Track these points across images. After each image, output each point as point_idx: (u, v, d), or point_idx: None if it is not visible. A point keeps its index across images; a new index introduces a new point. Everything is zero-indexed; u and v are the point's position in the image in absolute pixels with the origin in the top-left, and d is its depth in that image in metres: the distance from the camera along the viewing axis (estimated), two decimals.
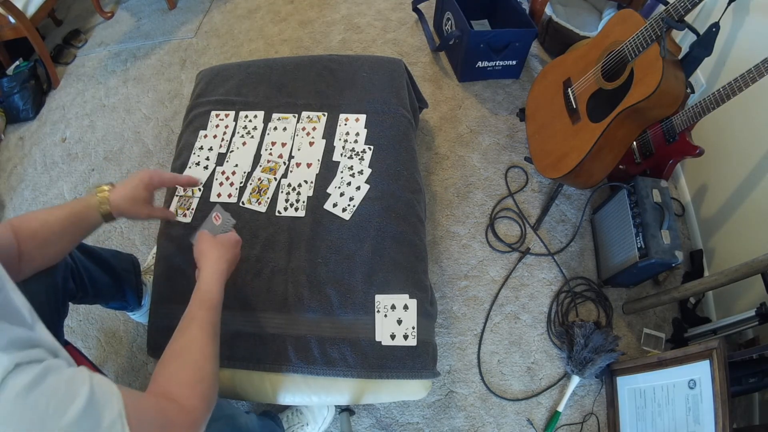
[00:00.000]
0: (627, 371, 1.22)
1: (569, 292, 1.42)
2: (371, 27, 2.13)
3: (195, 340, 0.69)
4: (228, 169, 1.21)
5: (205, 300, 0.75)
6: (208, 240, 0.86)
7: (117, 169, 1.76)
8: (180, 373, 0.65)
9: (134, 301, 1.19)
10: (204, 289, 0.77)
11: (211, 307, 0.75)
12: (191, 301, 0.76)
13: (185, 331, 0.70)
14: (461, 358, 1.33)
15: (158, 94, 1.99)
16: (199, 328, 0.71)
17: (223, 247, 0.85)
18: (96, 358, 1.36)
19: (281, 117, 1.29)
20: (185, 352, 0.68)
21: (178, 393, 0.61)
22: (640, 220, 1.24)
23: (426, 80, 1.91)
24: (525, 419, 1.25)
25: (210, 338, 0.71)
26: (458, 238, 1.53)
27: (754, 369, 1.04)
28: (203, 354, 0.69)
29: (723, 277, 1.09)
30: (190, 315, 0.73)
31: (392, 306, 1.00)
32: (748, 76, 1.02)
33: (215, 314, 0.75)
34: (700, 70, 1.44)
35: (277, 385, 0.98)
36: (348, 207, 1.12)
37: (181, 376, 0.64)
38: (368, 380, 0.97)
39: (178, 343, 0.69)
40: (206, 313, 0.73)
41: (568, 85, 1.41)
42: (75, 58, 2.17)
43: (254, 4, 2.30)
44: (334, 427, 1.22)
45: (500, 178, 1.65)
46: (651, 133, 1.35)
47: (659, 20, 1.09)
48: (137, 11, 2.34)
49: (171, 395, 0.60)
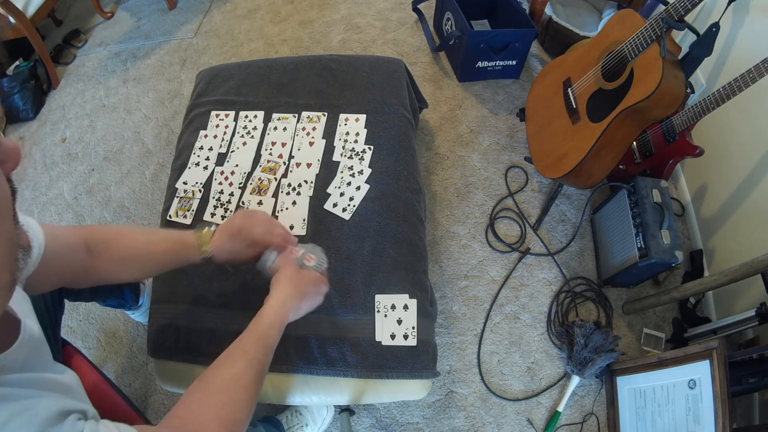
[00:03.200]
0: (627, 371, 1.22)
1: (569, 292, 1.42)
2: (371, 27, 2.13)
3: (242, 377, 0.63)
4: (228, 169, 1.21)
5: (263, 336, 0.68)
6: (293, 269, 0.76)
7: (117, 169, 1.76)
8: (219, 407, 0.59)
9: (132, 298, 1.19)
10: (266, 323, 0.69)
11: (267, 346, 0.68)
12: (248, 329, 0.68)
13: (234, 364, 0.63)
14: (461, 358, 1.33)
15: (158, 94, 1.99)
16: (249, 366, 0.64)
17: (306, 284, 0.76)
18: (96, 358, 1.36)
19: (281, 117, 1.29)
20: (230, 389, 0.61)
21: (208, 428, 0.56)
22: (640, 220, 1.24)
23: (426, 80, 1.91)
24: (525, 419, 1.25)
25: (258, 379, 0.65)
26: (458, 238, 1.53)
27: (754, 369, 1.04)
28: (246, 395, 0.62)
29: (723, 277, 1.09)
30: (243, 348, 0.66)
31: (392, 306, 1.00)
32: (748, 76, 1.02)
33: (269, 354, 0.68)
34: (700, 70, 1.44)
35: (277, 385, 0.98)
36: (348, 207, 1.12)
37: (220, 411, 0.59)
38: (368, 380, 0.97)
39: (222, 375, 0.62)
40: (260, 350, 0.66)
41: (568, 85, 1.41)
42: (75, 58, 2.17)
43: (254, 4, 2.30)
44: (334, 427, 1.22)
45: (500, 178, 1.65)
46: (651, 133, 1.35)
47: (659, 20, 1.09)
48: (137, 11, 2.34)
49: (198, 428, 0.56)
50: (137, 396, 1.30)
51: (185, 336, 0.99)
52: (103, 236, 0.70)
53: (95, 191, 1.72)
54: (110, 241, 0.70)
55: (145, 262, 0.73)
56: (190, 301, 1.02)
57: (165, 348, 1.00)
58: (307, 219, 1.11)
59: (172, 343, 0.99)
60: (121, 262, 0.71)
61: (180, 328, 1.00)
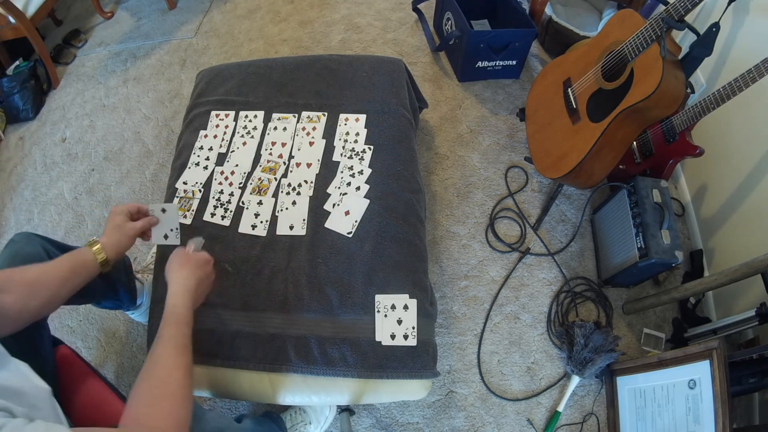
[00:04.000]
0: (627, 371, 1.22)
1: (569, 292, 1.42)
2: (371, 27, 2.13)
3: (159, 358, 0.69)
4: (228, 169, 1.21)
5: (169, 316, 0.75)
6: (178, 257, 0.86)
7: (117, 169, 1.76)
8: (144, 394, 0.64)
9: (128, 299, 1.18)
10: (170, 305, 0.77)
11: (177, 323, 0.74)
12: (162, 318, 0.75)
13: (151, 353, 0.70)
14: (461, 358, 1.33)
15: (158, 94, 1.99)
16: (163, 346, 0.70)
17: (192, 264, 0.85)
18: (96, 358, 1.36)
19: (281, 117, 1.29)
20: (149, 373, 0.67)
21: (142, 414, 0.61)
22: (640, 220, 1.24)
23: (426, 80, 1.91)
24: (525, 419, 1.25)
25: (176, 354, 0.70)
26: (458, 238, 1.53)
27: (754, 369, 1.04)
28: (167, 370, 0.67)
29: (723, 277, 1.09)
30: (157, 335, 0.73)
31: (392, 306, 1.00)
32: (748, 76, 1.02)
33: (181, 329, 0.74)
34: (700, 70, 1.44)
35: (277, 385, 0.98)
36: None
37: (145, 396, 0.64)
38: (368, 380, 0.97)
39: (144, 367, 0.68)
40: (171, 329, 0.73)
41: (568, 85, 1.41)
42: (75, 58, 2.17)
43: (254, 4, 2.31)
44: (334, 427, 1.22)
45: (500, 178, 1.65)
46: (651, 133, 1.35)
47: (659, 20, 1.09)
48: (137, 11, 2.34)
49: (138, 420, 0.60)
50: None
51: None
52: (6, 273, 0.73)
53: (95, 191, 1.72)
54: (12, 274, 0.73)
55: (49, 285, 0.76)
56: None
57: None
58: (307, 219, 1.11)
59: None
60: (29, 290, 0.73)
61: None
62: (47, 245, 0.92)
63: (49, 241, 0.93)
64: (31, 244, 0.89)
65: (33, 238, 0.91)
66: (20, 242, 0.89)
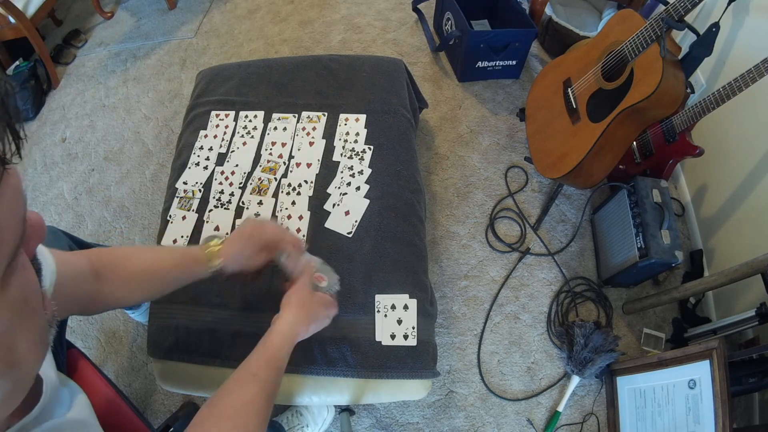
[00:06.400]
0: (627, 371, 1.22)
1: (569, 292, 1.42)
2: (371, 27, 2.13)
3: (253, 402, 0.61)
4: (228, 169, 1.20)
5: (272, 359, 0.67)
6: (305, 292, 0.75)
7: (117, 169, 1.76)
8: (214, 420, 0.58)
9: None
10: (275, 346, 0.68)
11: (277, 368, 0.67)
12: (256, 351, 0.67)
13: (243, 389, 0.62)
14: (461, 358, 1.33)
15: (158, 94, 1.99)
16: (261, 390, 0.62)
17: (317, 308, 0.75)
18: (96, 358, 1.36)
19: (281, 117, 1.28)
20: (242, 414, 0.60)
21: None
22: (640, 220, 1.24)
23: (426, 80, 1.91)
24: (525, 419, 1.25)
25: (269, 403, 0.63)
26: (458, 238, 1.53)
27: (754, 369, 1.04)
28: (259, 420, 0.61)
29: (723, 277, 1.09)
30: (252, 370, 0.64)
31: (392, 306, 1.00)
32: (748, 76, 1.02)
33: (279, 376, 0.67)
34: (700, 70, 1.44)
35: None
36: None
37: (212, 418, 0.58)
38: (368, 380, 0.97)
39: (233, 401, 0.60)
40: (270, 373, 0.65)
41: (568, 85, 1.41)
42: (75, 58, 2.17)
43: (254, 4, 2.31)
44: (334, 427, 1.22)
45: (500, 178, 1.65)
46: (651, 133, 1.35)
47: (659, 20, 1.09)
48: (137, 11, 2.34)
49: None
50: (137, 396, 1.30)
51: (185, 336, 0.99)
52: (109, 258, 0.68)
53: (95, 191, 1.72)
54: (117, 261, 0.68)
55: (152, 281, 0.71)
56: (189, 301, 1.02)
57: (165, 348, 1.00)
58: (307, 219, 1.11)
59: (172, 343, 0.99)
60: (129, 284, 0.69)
61: (180, 328, 1.00)
62: (71, 243, 0.89)
63: (71, 238, 0.90)
64: (57, 240, 0.84)
65: (59, 234, 0.87)
66: (46, 237, 0.86)
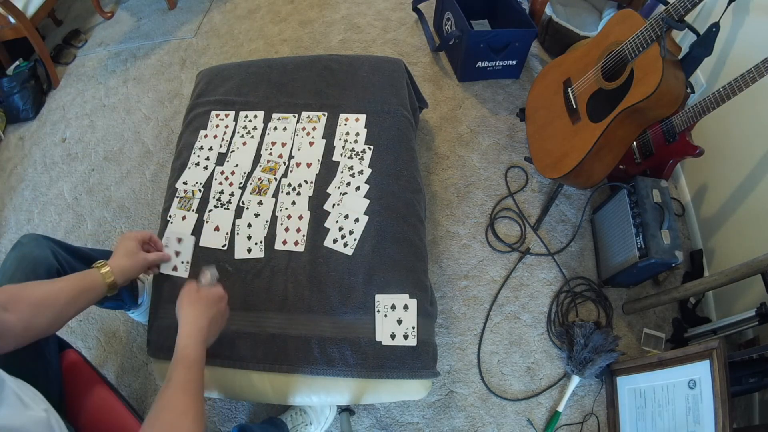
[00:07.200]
0: (627, 371, 1.22)
1: (569, 292, 1.42)
2: (371, 27, 2.13)
3: (167, 402, 0.68)
4: (228, 169, 1.20)
5: (179, 359, 0.74)
6: (189, 295, 0.84)
7: (117, 169, 1.76)
8: None
9: (130, 299, 1.18)
10: (180, 347, 0.76)
11: (187, 366, 0.73)
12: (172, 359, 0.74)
13: (160, 398, 0.68)
14: (461, 358, 1.33)
15: (158, 94, 1.99)
16: (173, 390, 0.69)
17: (204, 303, 0.83)
18: (96, 358, 1.36)
19: (281, 117, 1.28)
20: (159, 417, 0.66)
21: None
22: (640, 220, 1.24)
23: (426, 80, 1.91)
24: (525, 419, 1.25)
25: (186, 397, 0.69)
26: (458, 238, 1.53)
27: (754, 369, 1.04)
28: (175, 415, 0.66)
29: (723, 277, 1.09)
30: (167, 378, 0.71)
31: (392, 306, 1.00)
32: (748, 76, 1.02)
33: (193, 372, 0.73)
34: (700, 70, 1.44)
35: (277, 385, 0.98)
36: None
37: None
38: (368, 380, 0.97)
39: (153, 411, 0.67)
40: (181, 372, 0.72)
41: (568, 85, 1.41)
42: (75, 58, 2.17)
43: (254, 4, 2.31)
44: (334, 427, 1.22)
45: (500, 178, 1.65)
46: (651, 133, 1.35)
47: (659, 20, 1.09)
48: (137, 11, 2.34)
49: None
50: (137, 396, 1.30)
51: None
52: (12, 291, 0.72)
53: (95, 191, 1.72)
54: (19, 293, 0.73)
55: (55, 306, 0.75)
56: None
57: (165, 348, 1.00)
58: (307, 219, 1.11)
59: (172, 343, 0.99)
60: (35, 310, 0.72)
61: None
62: (56, 248, 0.90)
63: (57, 243, 0.92)
64: (39, 247, 0.88)
65: (41, 240, 0.89)
66: (28, 245, 0.87)
